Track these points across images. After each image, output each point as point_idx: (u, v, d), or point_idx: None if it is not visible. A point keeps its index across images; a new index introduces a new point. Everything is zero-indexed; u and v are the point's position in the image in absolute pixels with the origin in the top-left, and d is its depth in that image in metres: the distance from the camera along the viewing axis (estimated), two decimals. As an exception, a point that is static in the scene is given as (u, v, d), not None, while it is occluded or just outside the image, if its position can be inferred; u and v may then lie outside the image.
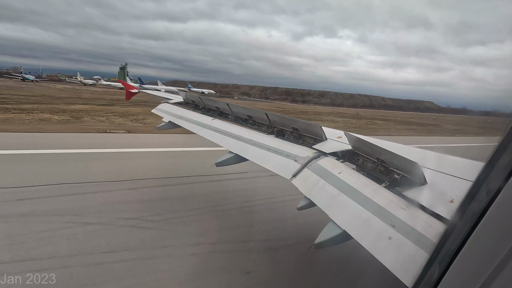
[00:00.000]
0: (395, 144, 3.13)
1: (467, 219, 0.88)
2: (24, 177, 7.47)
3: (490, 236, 0.81)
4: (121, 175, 8.13)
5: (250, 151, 3.92)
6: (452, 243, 0.92)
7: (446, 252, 0.95)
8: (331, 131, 3.79)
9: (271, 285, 4.48)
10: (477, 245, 0.83)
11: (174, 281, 4.28)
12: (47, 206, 6.02)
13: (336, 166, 2.90)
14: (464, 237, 0.86)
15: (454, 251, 0.89)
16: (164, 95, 8.72)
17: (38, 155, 9.68)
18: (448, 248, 0.95)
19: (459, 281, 0.88)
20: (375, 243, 1.89)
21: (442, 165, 2.44)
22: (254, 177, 8.64)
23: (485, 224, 0.81)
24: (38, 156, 9.60)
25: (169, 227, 5.71)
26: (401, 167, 2.45)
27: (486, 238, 0.82)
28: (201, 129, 5.20)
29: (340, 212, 2.31)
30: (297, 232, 5.82)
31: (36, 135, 13.00)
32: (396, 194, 2.24)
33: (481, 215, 0.82)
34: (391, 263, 1.64)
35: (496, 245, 0.77)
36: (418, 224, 1.81)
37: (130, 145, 12.61)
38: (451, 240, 0.94)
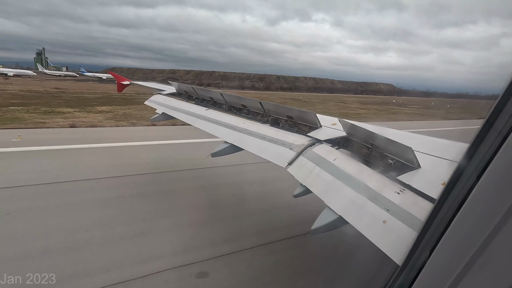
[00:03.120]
0: (389, 129, 3.15)
1: (453, 198, 0.91)
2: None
3: (475, 215, 0.83)
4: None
5: (245, 141, 3.91)
6: (440, 221, 0.95)
7: (433, 231, 0.98)
8: (325, 118, 3.80)
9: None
10: (463, 224, 0.86)
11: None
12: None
13: (331, 153, 2.91)
14: (450, 216, 0.89)
15: (441, 230, 0.92)
16: (156, 86, 8.57)
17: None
18: (435, 226, 0.98)
19: (446, 258, 0.91)
20: (370, 227, 1.92)
21: (435, 149, 2.47)
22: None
23: (470, 203, 0.84)
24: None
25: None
26: (394, 152, 2.48)
27: (471, 218, 0.84)
28: (196, 119, 5.15)
29: (335, 198, 2.34)
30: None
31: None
32: (390, 179, 2.27)
33: (466, 194, 0.84)
34: (386, 245, 1.68)
35: (481, 224, 0.80)
36: (411, 207, 1.84)
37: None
38: (438, 218, 0.97)
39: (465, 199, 0.84)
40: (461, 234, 0.87)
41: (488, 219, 0.77)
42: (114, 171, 8.09)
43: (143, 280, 4.08)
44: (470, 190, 0.83)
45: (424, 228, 1.02)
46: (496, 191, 0.78)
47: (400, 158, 2.42)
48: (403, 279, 1.11)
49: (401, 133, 3.06)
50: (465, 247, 0.83)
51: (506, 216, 0.73)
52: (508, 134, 0.74)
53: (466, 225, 0.86)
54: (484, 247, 0.78)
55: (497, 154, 0.76)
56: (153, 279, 4.11)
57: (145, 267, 4.32)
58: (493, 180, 0.79)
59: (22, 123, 14.22)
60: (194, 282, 4.15)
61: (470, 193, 0.83)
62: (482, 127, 0.82)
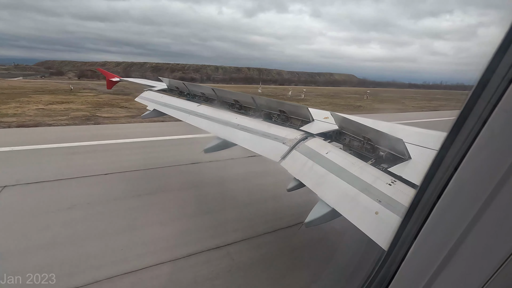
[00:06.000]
0: (380, 122, 3.19)
1: (434, 184, 0.94)
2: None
3: (458, 201, 0.86)
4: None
5: (238, 136, 3.90)
6: (423, 207, 0.98)
7: (417, 216, 1.01)
8: (318, 112, 3.81)
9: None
10: (445, 209, 0.89)
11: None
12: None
13: (324, 146, 2.93)
14: (433, 202, 0.92)
15: (424, 215, 0.95)
16: (147, 82, 8.44)
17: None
18: (418, 212, 1.01)
19: (431, 243, 0.94)
20: (362, 219, 1.95)
21: (425, 141, 2.52)
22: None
23: (452, 188, 0.87)
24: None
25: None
26: (386, 144, 2.52)
27: (453, 202, 0.88)
28: (187, 116, 5.11)
29: (328, 191, 2.36)
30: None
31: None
32: (382, 171, 2.31)
33: (448, 180, 0.88)
34: (377, 235, 1.71)
35: (464, 208, 0.83)
36: (402, 198, 1.88)
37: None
38: (422, 202, 1.00)
39: (446, 184, 0.88)
40: (445, 217, 0.90)
41: (470, 204, 0.80)
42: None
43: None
44: (451, 176, 0.86)
45: (408, 212, 1.06)
46: (476, 177, 0.82)
47: (391, 150, 2.45)
48: (390, 263, 1.14)
49: (392, 126, 3.10)
50: (450, 230, 0.86)
51: (485, 204, 0.76)
52: (485, 121, 0.76)
53: (451, 208, 0.89)
54: (468, 232, 0.82)
55: (475, 142, 0.78)
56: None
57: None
58: (472, 166, 0.82)
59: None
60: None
61: (451, 178, 0.86)
62: (461, 114, 0.85)
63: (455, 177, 0.85)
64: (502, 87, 0.73)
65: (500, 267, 0.78)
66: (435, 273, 0.90)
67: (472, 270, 0.84)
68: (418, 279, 0.97)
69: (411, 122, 19.25)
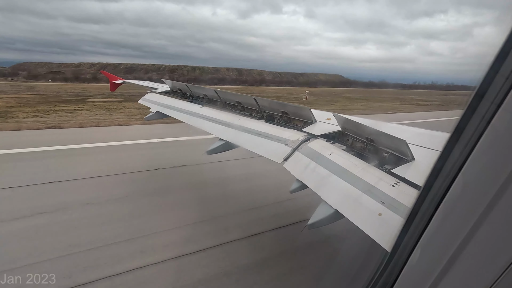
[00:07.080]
0: (383, 123, 3.17)
1: (438, 186, 0.93)
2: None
3: (462, 202, 0.85)
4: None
5: (240, 138, 3.90)
6: (426, 208, 0.97)
7: (420, 218, 1.00)
8: (320, 113, 3.80)
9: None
10: (449, 210, 0.88)
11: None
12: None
13: (326, 147, 2.92)
14: (436, 203, 0.91)
15: (428, 217, 0.94)
16: (150, 84, 8.48)
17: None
18: (422, 213, 1.00)
19: (434, 245, 0.93)
20: (365, 220, 1.94)
21: (429, 141, 2.50)
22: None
23: (455, 189, 0.86)
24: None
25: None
26: (389, 145, 2.50)
27: (457, 204, 0.86)
28: (190, 117, 5.12)
29: (331, 192, 2.35)
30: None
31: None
32: (386, 172, 2.29)
33: (451, 181, 0.86)
34: (380, 237, 1.70)
35: (469, 210, 0.82)
36: (406, 199, 1.86)
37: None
38: (425, 204, 0.99)
39: (450, 186, 0.86)
40: (449, 219, 0.89)
41: (473, 207, 0.79)
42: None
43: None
44: (454, 177, 0.85)
45: (411, 215, 1.04)
46: (480, 178, 0.80)
47: (395, 151, 2.44)
48: (393, 265, 1.13)
49: (396, 127, 3.08)
50: (454, 232, 0.85)
51: (490, 205, 0.75)
52: (489, 121, 0.75)
53: (455, 210, 0.87)
54: (472, 234, 0.80)
55: (479, 143, 0.77)
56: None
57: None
58: (476, 167, 0.81)
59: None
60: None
61: (455, 179, 0.85)
62: (464, 114, 0.84)
63: (458, 178, 0.83)
64: (506, 88, 0.72)
65: (506, 269, 0.76)
66: (439, 276, 0.88)
67: (477, 273, 0.82)
68: (421, 282, 0.95)
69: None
